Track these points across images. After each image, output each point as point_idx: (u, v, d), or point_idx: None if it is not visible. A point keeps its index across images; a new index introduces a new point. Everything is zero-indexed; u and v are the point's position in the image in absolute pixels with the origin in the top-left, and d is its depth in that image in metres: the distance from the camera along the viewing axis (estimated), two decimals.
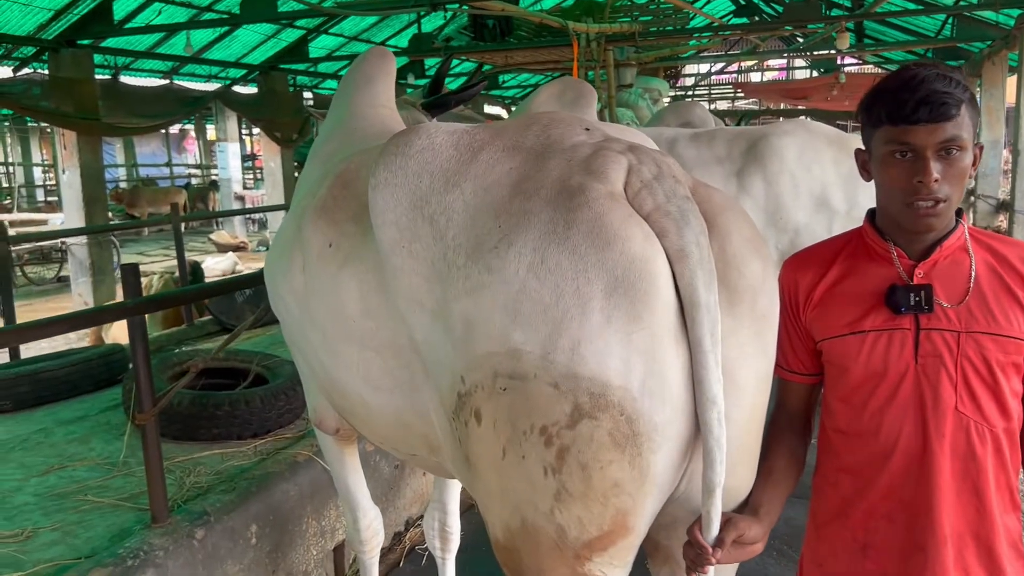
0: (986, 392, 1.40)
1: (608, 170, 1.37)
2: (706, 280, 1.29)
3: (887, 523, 1.46)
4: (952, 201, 1.38)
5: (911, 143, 1.35)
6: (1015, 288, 1.41)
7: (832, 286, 1.51)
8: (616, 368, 1.27)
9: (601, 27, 8.43)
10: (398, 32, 11.95)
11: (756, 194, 3.66)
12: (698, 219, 1.34)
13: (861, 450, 1.49)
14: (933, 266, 1.43)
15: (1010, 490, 1.44)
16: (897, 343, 1.43)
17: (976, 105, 1.40)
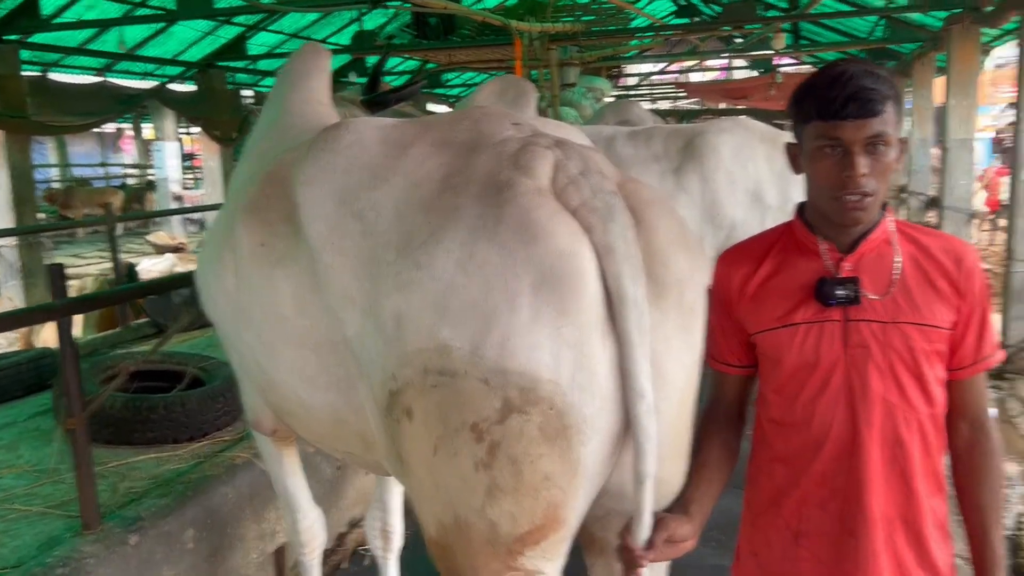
0: (911, 380, 1.44)
1: (535, 165, 1.38)
2: (633, 274, 1.31)
3: (819, 510, 1.49)
4: (878, 195, 1.41)
5: (839, 138, 1.38)
6: (936, 279, 1.45)
7: (764, 280, 1.53)
8: (545, 362, 1.28)
9: (544, 26, 8.44)
10: (339, 30, 11.81)
11: (693, 191, 3.72)
12: (624, 214, 1.36)
13: (794, 439, 1.52)
14: (860, 259, 1.46)
15: (935, 474, 1.49)
16: (827, 335, 1.46)
17: (901, 102, 1.43)
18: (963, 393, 1.50)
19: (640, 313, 1.31)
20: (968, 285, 1.45)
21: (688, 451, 1.56)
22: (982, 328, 1.47)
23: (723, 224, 3.68)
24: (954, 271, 1.45)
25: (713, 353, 1.62)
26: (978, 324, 1.47)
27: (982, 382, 1.52)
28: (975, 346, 1.47)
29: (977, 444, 1.50)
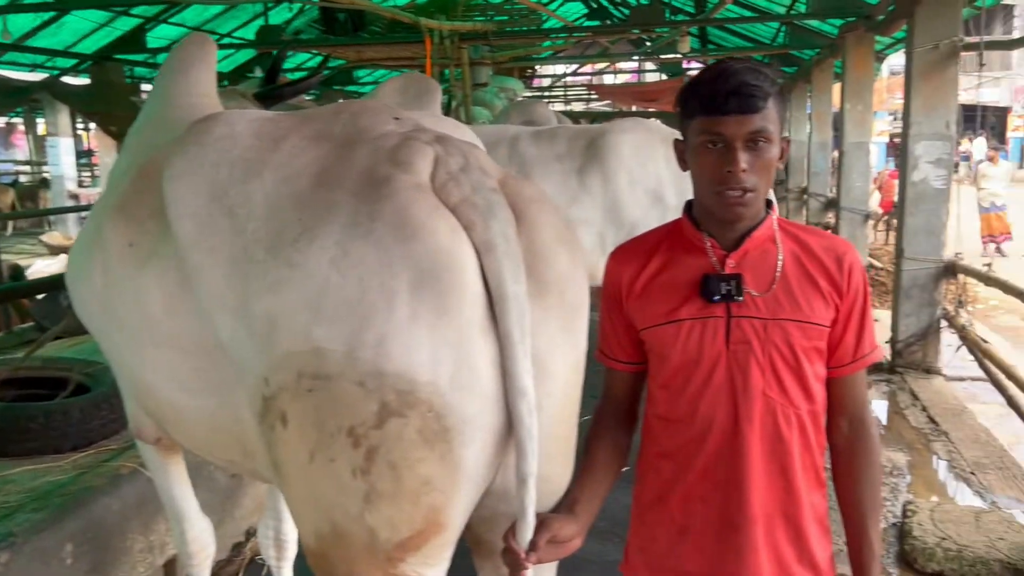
0: (791, 376, 1.46)
1: (414, 161, 1.34)
2: (514, 272, 1.29)
3: (703, 505, 1.50)
4: (760, 191, 1.42)
5: (722, 133, 1.39)
6: (816, 276, 1.47)
7: (652, 277, 1.53)
8: (424, 363, 1.24)
9: (454, 25, 8.40)
10: (245, 24, 11.48)
11: (595, 190, 3.74)
12: (505, 211, 1.33)
13: (679, 435, 1.52)
14: (744, 256, 1.47)
15: (815, 469, 1.51)
16: (710, 331, 1.47)
17: (783, 100, 1.45)
18: (843, 390, 1.53)
19: (521, 311, 1.29)
20: (848, 283, 1.47)
21: (573, 449, 1.55)
22: (861, 326, 1.50)
23: (624, 223, 3.71)
24: (834, 269, 1.47)
25: (603, 349, 1.62)
26: (857, 322, 1.49)
27: (861, 379, 1.54)
28: (854, 344, 1.50)
29: (856, 441, 1.53)
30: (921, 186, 5.71)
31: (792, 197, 14.10)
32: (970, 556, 3.14)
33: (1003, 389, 4.67)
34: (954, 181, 5.89)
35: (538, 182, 3.75)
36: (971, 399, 5.73)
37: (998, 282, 4.98)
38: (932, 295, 5.79)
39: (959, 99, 5.88)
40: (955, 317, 5.65)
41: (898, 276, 5.91)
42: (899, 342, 5.88)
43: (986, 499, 3.92)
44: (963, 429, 4.77)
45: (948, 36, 5.44)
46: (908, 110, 5.68)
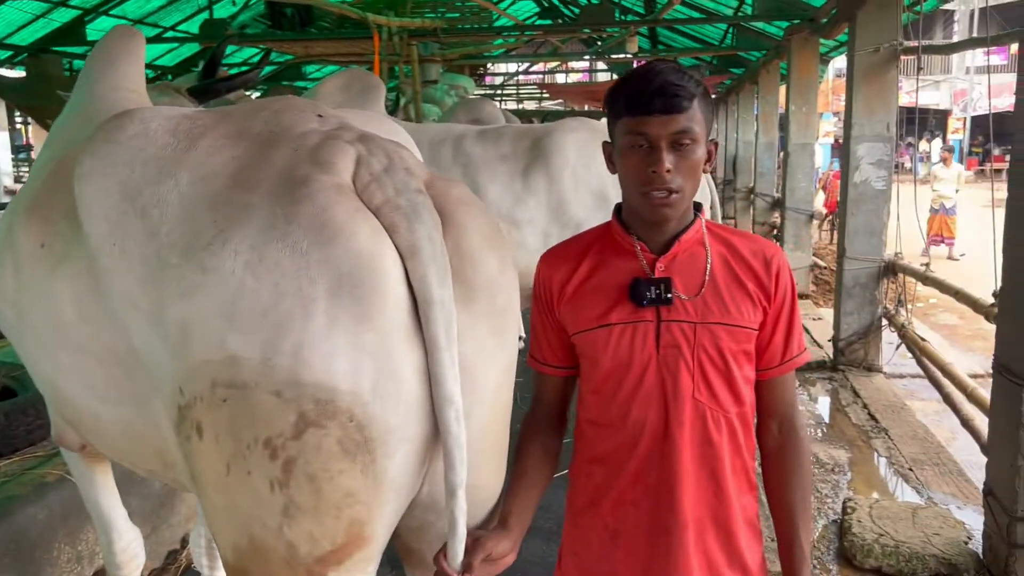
0: (720, 380, 1.45)
1: (335, 161, 1.30)
2: (439, 276, 1.25)
3: (634, 509, 1.49)
4: (686, 192, 1.41)
5: (646, 133, 1.38)
6: (744, 279, 1.47)
7: (583, 281, 1.51)
8: (343, 372, 1.19)
9: (402, 21, 8.32)
10: (189, 17, 11.24)
11: (540, 191, 3.71)
12: (430, 213, 1.30)
13: (611, 439, 1.51)
14: (673, 259, 1.46)
15: (746, 472, 1.51)
16: (640, 335, 1.45)
17: (709, 102, 1.44)
18: (772, 392, 1.53)
19: (448, 316, 1.25)
20: (776, 286, 1.47)
21: (504, 456, 1.52)
22: (790, 328, 1.50)
23: (570, 223, 3.69)
24: (762, 272, 1.47)
25: (534, 353, 1.60)
26: (785, 324, 1.49)
27: (790, 381, 1.54)
28: (783, 346, 1.50)
29: (786, 443, 1.54)
30: (862, 187, 5.81)
31: (740, 197, 14.29)
32: (907, 552, 3.20)
33: (940, 386, 4.77)
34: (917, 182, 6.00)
35: (484, 182, 3.71)
36: (910, 396, 5.85)
37: (935, 281, 5.08)
38: (873, 294, 5.90)
39: (903, 102, 6.00)
40: (895, 316, 5.76)
41: (840, 275, 6.01)
42: (841, 340, 5.98)
43: (923, 495, 4.00)
44: (902, 426, 4.86)
45: (888, 40, 5.54)
46: (850, 112, 5.78)
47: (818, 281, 9.25)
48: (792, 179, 8.79)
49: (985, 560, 3.16)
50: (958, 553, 3.19)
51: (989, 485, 3.20)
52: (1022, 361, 2.95)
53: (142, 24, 11.05)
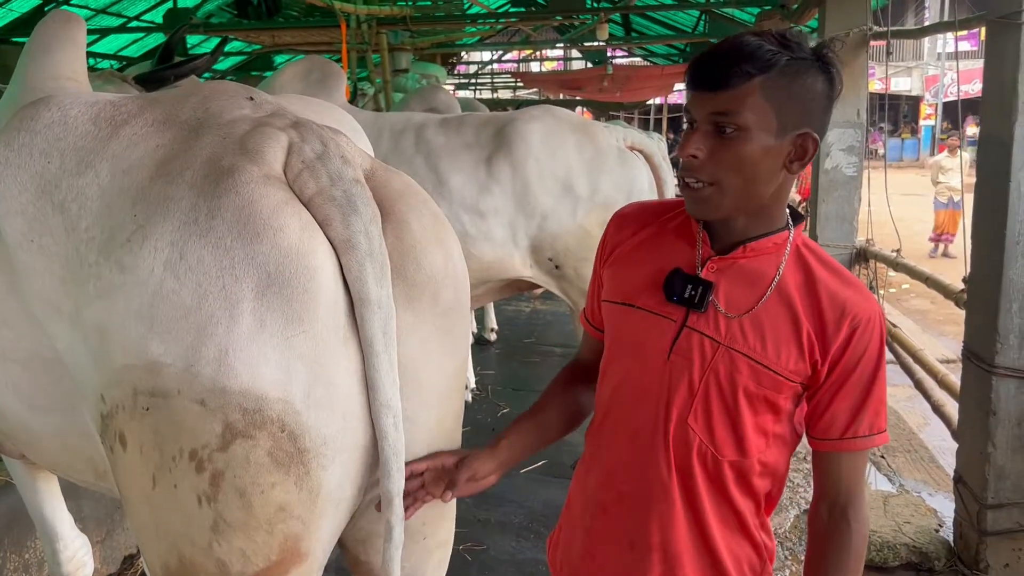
0: (724, 417, 1.26)
1: (264, 149, 1.21)
2: (377, 273, 1.18)
3: (605, 515, 1.37)
4: (725, 188, 1.19)
5: (690, 111, 1.21)
6: (803, 319, 1.23)
7: (634, 248, 1.37)
8: (273, 378, 1.12)
9: (370, 9, 8.19)
10: (154, 7, 10.98)
11: (504, 180, 3.63)
12: (368, 205, 1.22)
13: (599, 431, 1.39)
14: (731, 265, 1.26)
15: (738, 518, 1.31)
16: (658, 331, 1.28)
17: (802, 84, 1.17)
18: (825, 469, 1.28)
19: (386, 316, 1.18)
20: (844, 346, 1.22)
21: None
22: (863, 402, 1.24)
23: (534, 213, 3.62)
24: (831, 321, 1.22)
25: (585, 307, 1.49)
26: (857, 395, 1.24)
27: (852, 464, 1.27)
28: (847, 420, 1.24)
29: (834, 533, 1.28)
30: (833, 173, 5.78)
31: None
32: (878, 541, 3.17)
33: (911, 373, 4.75)
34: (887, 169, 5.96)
35: (447, 171, 3.63)
36: None
37: (905, 267, 5.06)
38: None
39: (876, 88, 5.97)
40: None
41: None
42: None
43: (895, 482, 3.98)
44: None
45: (858, 24, 5.51)
46: None
47: None
48: None
49: (956, 548, 3.14)
50: (929, 542, 3.17)
51: (959, 472, 3.19)
52: (991, 347, 2.92)
53: (105, 14, 10.82)
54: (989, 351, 2.93)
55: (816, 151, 1.21)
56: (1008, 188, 2.81)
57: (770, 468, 1.29)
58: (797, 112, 1.17)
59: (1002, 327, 2.88)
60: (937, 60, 27.20)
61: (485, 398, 4.89)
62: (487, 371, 5.42)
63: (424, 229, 1.29)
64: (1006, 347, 2.89)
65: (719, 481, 1.28)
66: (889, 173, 6.19)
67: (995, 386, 2.91)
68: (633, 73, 14.20)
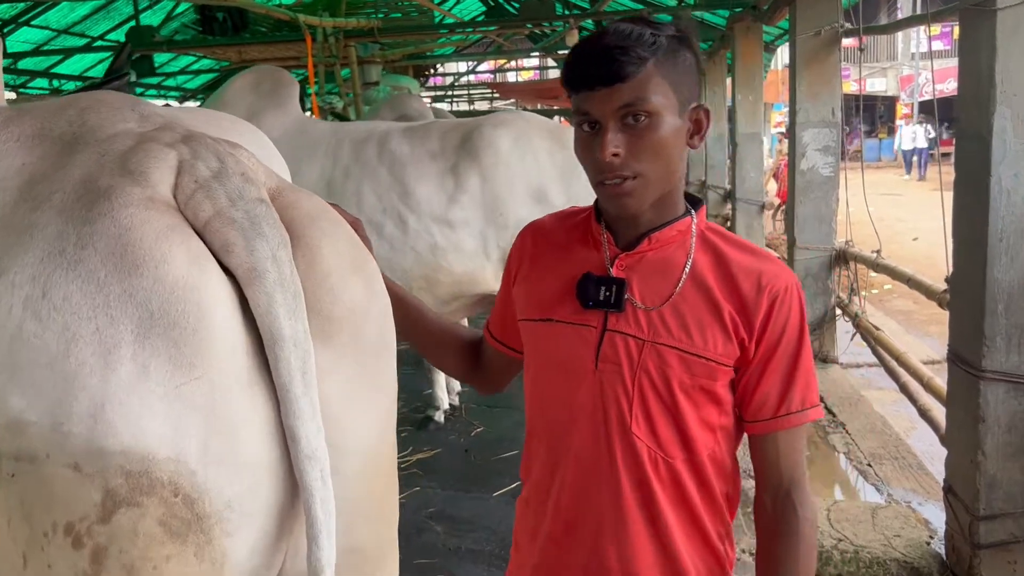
0: (664, 416, 1.21)
1: (149, 168, 1.05)
2: (290, 305, 1.02)
3: (554, 545, 1.29)
4: (649, 178, 1.17)
5: (588, 112, 1.17)
6: (722, 301, 1.20)
7: (541, 262, 1.33)
8: (161, 434, 0.95)
9: (336, 21, 8.05)
10: (117, 26, 10.77)
11: (473, 190, 3.48)
12: (275, 228, 1.06)
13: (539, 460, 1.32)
14: (640, 260, 1.24)
15: (701, 533, 1.25)
16: (580, 342, 1.24)
17: (685, 58, 1.18)
18: (762, 454, 1.25)
19: (303, 355, 1.02)
20: (767, 320, 1.19)
21: (394, 512, 1.29)
22: (791, 376, 1.21)
23: (507, 224, 3.47)
24: (750, 297, 1.20)
25: (489, 320, 1.48)
26: (784, 370, 1.21)
27: (789, 443, 1.23)
28: (778, 397, 1.21)
29: (780, 524, 1.24)
30: (810, 174, 5.69)
31: (693, 190, 14.20)
32: (867, 557, 3.04)
33: (896, 376, 4.64)
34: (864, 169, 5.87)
35: (412, 182, 3.48)
36: (868, 385, 5.74)
37: (886, 268, 4.97)
38: (825, 283, 5.78)
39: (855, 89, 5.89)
40: (848, 305, 5.64)
41: (791, 266, 5.88)
42: None
43: (883, 492, 3.86)
44: (860, 419, 4.74)
45: (829, 22, 5.42)
46: (794, 98, 5.65)
47: None
48: (741, 170, 8.69)
49: (948, 562, 3.01)
50: (920, 556, 3.04)
51: (949, 482, 3.06)
52: (977, 350, 2.80)
53: (68, 34, 10.64)
54: (975, 354, 2.81)
55: (710, 123, 1.23)
56: (988, 184, 2.69)
57: (724, 466, 1.25)
58: (687, 87, 1.18)
59: (988, 328, 2.76)
60: (912, 60, 27.37)
61: (459, 418, 4.73)
62: (461, 389, 5.27)
63: (340, 256, 1.13)
64: (993, 349, 2.77)
65: (678, 487, 1.23)
66: (867, 173, 6.10)
67: (983, 391, 2.79)
68: None
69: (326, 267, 1.10)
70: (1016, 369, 2.72)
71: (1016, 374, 2.72)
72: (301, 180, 3.42)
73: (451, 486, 3.84)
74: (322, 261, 1.10)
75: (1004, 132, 2.65)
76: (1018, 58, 2.62)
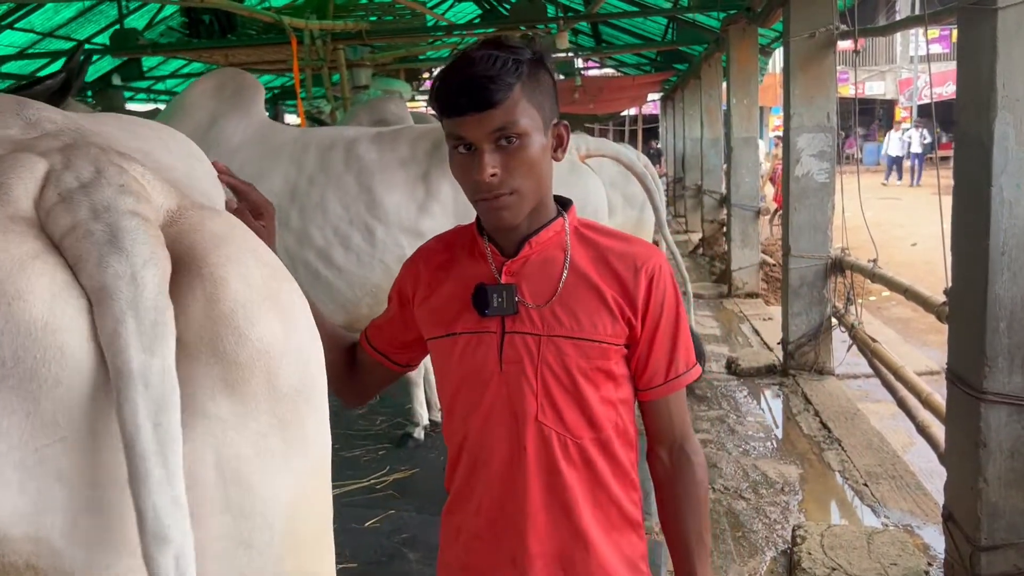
0: (568, 401, 1.31)
1: (12, 181, 0.88)
2: (145, 335, 0.82)
3: (480, 543, 1.37)
4: (524, 192, 1.27)
5: (464, 136, 1.25)
6: (604, 288, 1.32)
7: (438, 283, 1.41)
8: (16, 509, 0.79)
9: (322, 24, 7.90)
10: (102, 30, 10.59)
11: (444, 199, 3.31)
12: (145, 244, 0.86)
13: (461, 465, 1.39)
14: (524, 264, 1.34)
15: (618, 506, 1.36)
16: (484, 348, 1.33)
17: (542, 79, 1.28)
18: (658, 416, 1.39)
19: (158, 399, 0.83)
20: (647, 298, 1.32)
21: None
22: (674, 344, 1.35)
23: None
24: (629, 279, 1.32)
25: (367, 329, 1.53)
26: (667, 340, 1.35)
27: (679, 402, 1.40)
28: (665, 364, 1.35)
29: (678, 472, 1.39)
30: (804, 180, 5.52)
31: (689, 195, 14.06)
32: None
33: (894, 391, 4.47)
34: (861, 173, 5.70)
35: (381, 191, 3.31)
36: (864, 398, 5.57)
37: (883, 278, 4.79)
38: (821, 293, 5.60)
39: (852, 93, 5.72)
40: (845, 315, 5.46)
41: (786, 274, 5.71)
42: (790, 343, 5.68)
43: (879, 514, 3.68)
44: (856, 435, 4.56)
45: (824, 24, 5.25)
46: (788, 102, 5.48)
47: (768, 278, 8.97)
48: (736, 174, 8.51)
49: None
50: None
51: (949, 509, 2.89)
52: (978, 370, 2.63)
53: (53, 37, 10.48)
54: (976, 375, 2.64)
55: (569, 137, 1.34)
56: (990, 194, 2.53)
57: (627, 435, 1.37)
58: (548, 106, 1.28)
59: (989, 348, 2.59)
60: (910, 63, 27.23)
61: (439, 434, 4.55)
62: None
63: (250, 288, 0.94)
64: (994, 370, 2.60)
65: (589, 466, 1.32)
66: (865, 177, 5.93)
67: (984, 414, 2.62)
68: (605, 84, 14.01)
69: (231, 301, 0.92)
70: (1019, 391, 2.55)
71: (1019, 396, 2.55)
72: (264, 188, 3.21)
73: (427, 509, 3.65)
74: (227, 294, 0.92)
75: (1006, 139, 2.48)
76: (1020, 60, 2.46)
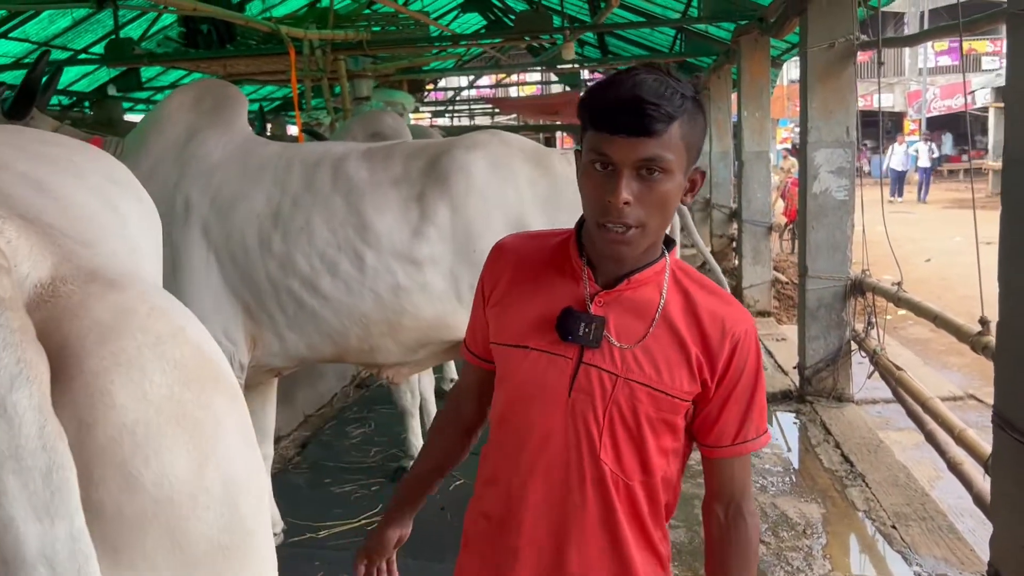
0: (629, 444, 1.32)
1: None
2: (34, 493, 0.58)
3: (514, 559, 1.37)
4: (649, 229, 1.25)
5: (608, 155, 1.21)
6: (689, 343, 1.31)
7: (519, 286, 1.38)
8: None
9: (321, 34, 7.69)
10: (99, 40, 10.34)
11: (441, 222, 3.04)
12: (1, 347, 0.63)
13: (504, 477, 1.39)
14: (617, 298, 1.32)
15: (651, 546, 1.38)
16: (556, 370, 1.32)
17: (699, 122, 1.25)
18: (719, 473, 1.38)
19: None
20: (728, 362, 1.31)
21: None
22: (747, 410, 1.34)
23: (481, 261, 3.02)
24: (715, 340, 1.31)
25: (466, 336, 1.53)
26: (741, 405, 1.34)
27: (742, 465, 1.39)
28: (736, 427, 1.35)
29: (732, 531, 1.39)
30: (822, 198, 5.26)
31: (697, 208, 13.77)
32: None
33: (921, 423, 4.19)
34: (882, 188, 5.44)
35: (371, 213, 3.03)
36: (885, 425, 5.28)
37: (908, 303, 4.52)
38: (840, 316, 5.33)
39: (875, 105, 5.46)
40: (865, 340, 5.18)
41: (802, 296, 5.43)
42: (807, 368, 5.40)
43: (911, 561, 3.40)
44: (880, 469, 4.28)
45: (843, 34, 5.00)
46: (805, 116, 5.22)
47: (780, 296, 8.70)
48: (748, 189, 8.26)
49: None
50: None
51: (995, 567, 2.61)
52: None
53: (49, 46, 10.27)
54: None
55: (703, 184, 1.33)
56: None
57: (671, 482, 1.39)
58: (696, 149, 1.26)
59: None
60: (919, 75, 26.98)
61: None
62: None
63: (147, 403, 0.68)
64: None
65: (632, 504, 1.35)
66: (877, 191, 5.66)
67: None
68: None
69: (116, 423, 0.66)
70: None
71: None
72: (245, 210, 2.99)
73: (423, 554, 3.35)
74: (110, 414, 0.66)
75: None
76: None
